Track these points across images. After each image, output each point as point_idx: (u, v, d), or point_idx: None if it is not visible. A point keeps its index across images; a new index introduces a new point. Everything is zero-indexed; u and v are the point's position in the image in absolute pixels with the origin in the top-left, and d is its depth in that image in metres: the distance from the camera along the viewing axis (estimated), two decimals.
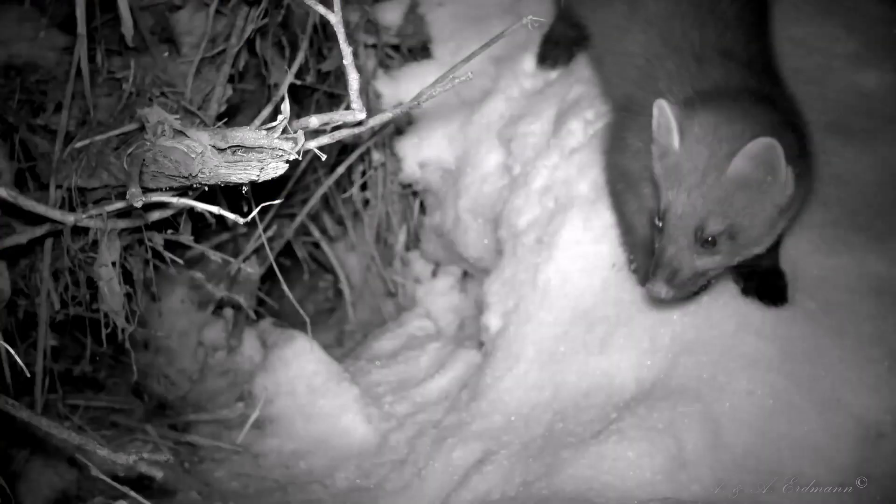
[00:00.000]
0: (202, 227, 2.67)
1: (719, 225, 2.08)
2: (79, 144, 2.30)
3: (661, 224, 2.16)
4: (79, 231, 2.27)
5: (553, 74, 3.09)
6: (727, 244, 2.11)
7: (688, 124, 2.15)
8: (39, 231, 2.20)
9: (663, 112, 2.14)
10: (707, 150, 2.09)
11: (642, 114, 2.33)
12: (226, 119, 2.60)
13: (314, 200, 3.29)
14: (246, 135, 1.74)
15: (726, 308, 2.42)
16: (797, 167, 2.11)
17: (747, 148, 2.00)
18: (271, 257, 2.79)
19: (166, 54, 2.59)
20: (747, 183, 2.05)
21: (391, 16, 3.36)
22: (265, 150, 1.75)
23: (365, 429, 2.83)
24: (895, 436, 2.19)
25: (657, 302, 2.33)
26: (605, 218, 2.64)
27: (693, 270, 2.14)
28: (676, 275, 2.13)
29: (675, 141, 2.13)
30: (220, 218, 1.81)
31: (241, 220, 1.70)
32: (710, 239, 2.09)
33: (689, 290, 2.19)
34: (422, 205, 3.51)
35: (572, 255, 2.65)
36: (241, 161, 1.77)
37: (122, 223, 2.27)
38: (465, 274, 3.49)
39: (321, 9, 1.68)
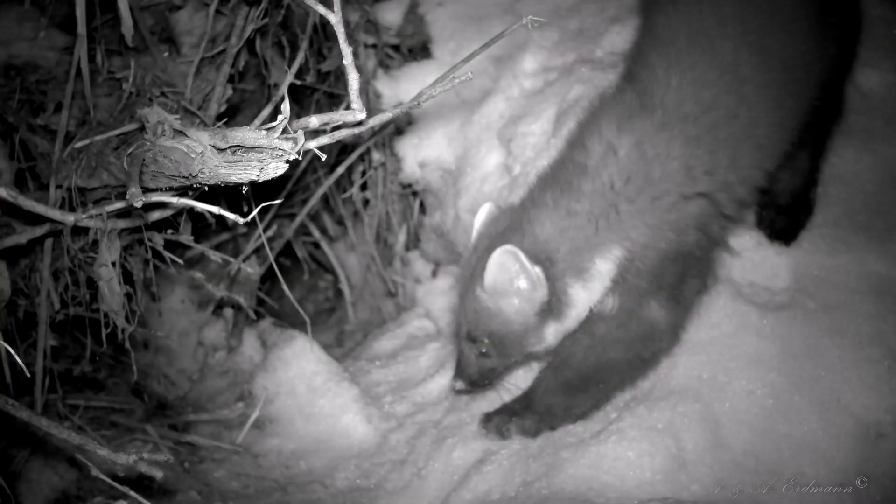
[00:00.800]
0: (202, 227, 2.68)
1: (479, 333, 2.22)
2: (79, 144, 2.30)
3: None
4: (79, 231, 2.27)
5: (553, 74, 3.09)
6: (494, 350, 2.24)
7: (484, 229, 2.28)
8: (39, 231, 2.20)
9: (480, 212, 2.30)
10: (473, 262, 2.22)
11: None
12: (226, 119, 2.61)
13: (314, 200, 3.29)
14: (246, 135, 1.74)
15: (726, 308, 2.42)
16: (551, 267, 2.13)
17: (490, 261, 2.09)
18: (271, 257, 2.79)
19: (166, 54, 2.59)
20: (499, 293, 2.14)
21: (391, 16, 3.36)
22: (265, 150, 1.75)
23: (365, 429, 2.82)
24: (895, 436, 2.20)
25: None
26: None
27: (478, 369, 2.30)
28: (465, 372, 2.32)
29: (471, 242, 2.29)
30: (220, 218, 1.81)
31: (241, 220, 1.70)
32: (480, 343, 2.23)
33: (484, 383, 2.36)
34: (422, 205, 3.51)
35: None
36: (241, 161, 1.77)
37: (122, 223, 2.27)
38: None
39: (321, 9, 1.68)
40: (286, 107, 1.66)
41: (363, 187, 3.57)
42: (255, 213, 1.75)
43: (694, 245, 2.19)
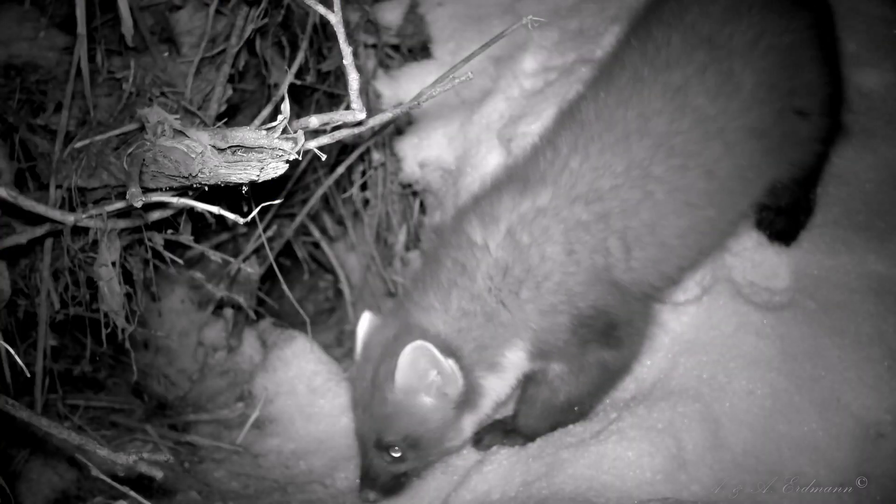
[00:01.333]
0: (202, 227, 2.67)
1: (394, 437, 2.13)
2: (79, 144, 2.30)
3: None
4: (79, 231, 2.27)
5: (553, 74, 3.09)
6: (411, 451, 2.16)
7: (369, 339, 2.22)
8: (39, 231, 2.20)
9: (361, 322, 2.24)
10: (372, 369, 2.14)
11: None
12: (226, 119, 2.61)
13: (314, 200, 3.29)
14: (246, 135, 1.74)
15: (726, 308, 2.42)
16: (464, 358, 2.10)
17: (401, 361, 2.03)
18: (271, 257, 2.79)
19: (166, 54, 2.59)
20: (414, 391, 2.09)
21: (391, 16, 3.36)
22: (265, 150, 1.75)
23: None
24: (895, 436, 2.19)
25: None
26: None
27: (391, 476, 2.21)
28: (377, 482, 2.21)
29: (357, 354, 2.22)
30: (220, 218, 1.82)
31: (241, 220, 1.70)
32: (394, 448, 2.14)
33: (400, 486, 2.27)
34: (422, 205, 3.51)
35: None
36: (241, 161, 1.77)
37: (122, 223, 2.27)
38: None
39: (321, 9, 1.68)
40: (286, 107, 1.66)
41: (363, 187, 3.57)
42: (255, 213, 1.75)
43: (605, 304, 2.16)
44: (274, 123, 1.71)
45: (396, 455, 2.17)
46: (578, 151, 2.16)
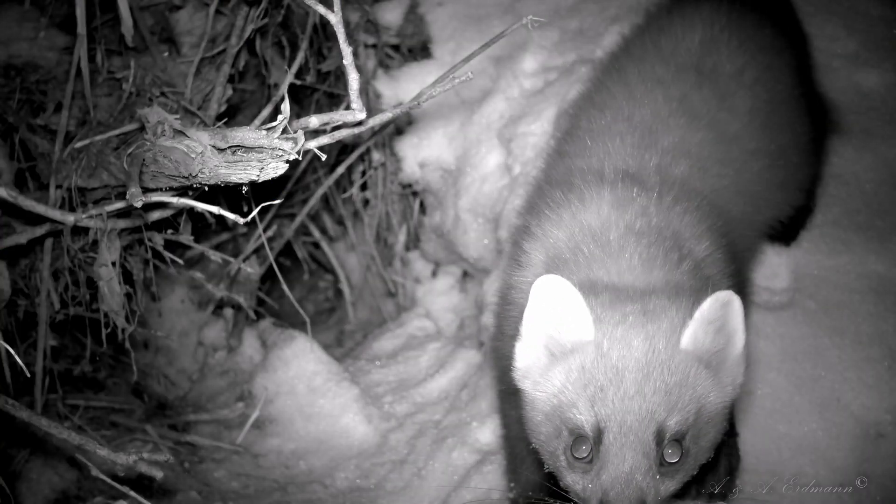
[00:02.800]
0: (202, 227, 2.68)
1: (683, 418, 1.52)
2: (79, 144, 2.30)
3: (582, 452, 1.54)
4: (79, 231, 2.27)
5: (553, 74, 3.09)
6: (692, 450, 1.55)
7: (602, 307, 1.60)
8: (39, 231, 2.20)
9: (564, 294, 1.56)
10: (642, 334, 1.56)
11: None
12: (226, 119, 2.61)
13: (314, 200, 3.29)
14: (246, 135, 1.74)
15: None
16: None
17: (704, 308, 1.55)
18: (271, 257, 2.79)
19: (166, 54, 2.59)
20: (704, 357, 1.58)
21: (391, 16, 3.36)
22: (265, 150, 1.75)
23: (365, 429, 2.82)
24: (895, 436, 2.20)
25: None
26: None
27: (658, 499, 1.52)
28: None
29: (589, 332, 1.57)
30: (220, 218, 1.82)
31: (241, 220, 1.70)
32: (677, 444, 1.52)
33: None
34: (422, 205, 3.51)
35: None
36: (241, 161, 1.77)
37: (122, 223, 2.27)
38: (465, 274, 3.48)
39: (321, 9, 1.68)
40: (286, 107, 1.67)
41: (363, 187, 3.57)
42: (255, 213, 1.75)
43: None
44: (274, 123, 1.71)
45: (674, 460, 1.52)
46: (607, 141, 2.04)
